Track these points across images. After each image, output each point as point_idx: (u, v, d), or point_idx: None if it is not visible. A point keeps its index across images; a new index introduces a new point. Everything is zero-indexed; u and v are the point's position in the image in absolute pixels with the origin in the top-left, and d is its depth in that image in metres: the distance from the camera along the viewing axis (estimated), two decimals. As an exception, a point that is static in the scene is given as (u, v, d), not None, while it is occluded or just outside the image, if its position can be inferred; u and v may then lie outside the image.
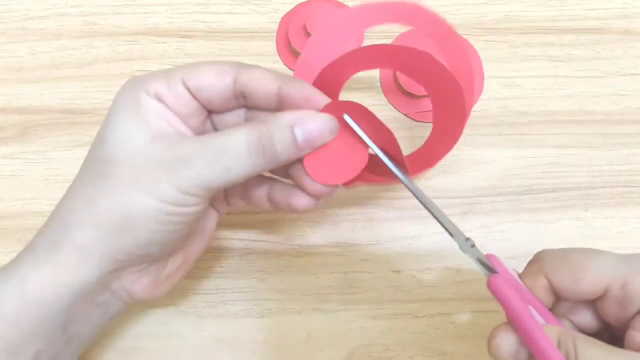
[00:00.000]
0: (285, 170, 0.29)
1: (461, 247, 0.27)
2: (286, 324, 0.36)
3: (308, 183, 0.28)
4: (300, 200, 0.29)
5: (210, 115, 0.29)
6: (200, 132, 0.28)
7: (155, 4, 0.41)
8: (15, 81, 0.40)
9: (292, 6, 0.40)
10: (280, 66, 0.40)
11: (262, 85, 0.26)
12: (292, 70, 0.39)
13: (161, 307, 0.36)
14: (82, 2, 0.41)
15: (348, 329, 0.36)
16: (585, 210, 0.37)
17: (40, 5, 0.41)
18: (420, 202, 0.27)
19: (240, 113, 0.29)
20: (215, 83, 0.26)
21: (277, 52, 0.40)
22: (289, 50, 0.39)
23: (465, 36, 0.40)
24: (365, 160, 0.27)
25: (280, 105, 0.27)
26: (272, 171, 0.31)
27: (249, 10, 0.41)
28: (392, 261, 0.37)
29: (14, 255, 0.37)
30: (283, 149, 0.25)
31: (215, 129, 0.29)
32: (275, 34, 0.40)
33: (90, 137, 0.38)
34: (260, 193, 0.30)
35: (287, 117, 0.25)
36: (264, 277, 0.36)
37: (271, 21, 0.40)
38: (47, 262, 0.26)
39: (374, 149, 0.26)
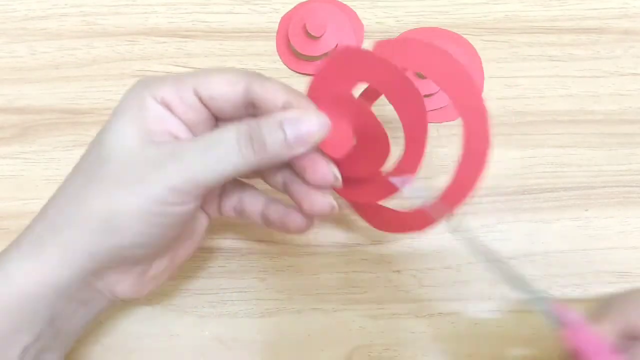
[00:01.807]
0: (283, 185, 0.29)
1: (529, 301, 0.25)
2: (286, 324, 0.36)
3: (305, 201, 0.28)
4: (296, 221, 0.29)
5: (218, 122, 0.28)
6: None
7: (156, 4, 0.41)
8: (15, 81, 0.40)
9: (292, 6, 0.40)
10: (280, 66, 0.40)
11: (273, 97, 0.26)
12: (293, 71, 0.39)
13: (161, 307, 0.36)
14: (82, 2, 0.41)
15: (348, 328, 0.36)
16: (586, 210, 0.37)
17: (41, 5, 0.41)
18: (475, 251, 0.26)
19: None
20: (227, 92, 0.26)
21: (277, 52, 0.40)
22: (289, 50, 0.39)
23: (465, 36, 0.40)
24: (349, 146, 0.27)
25: None
26: (269, 183, 0.30)
27: (249, 10, 0.41)
28: (392, 261, 0.36)
29: (14, 255, 0.37)
30: (273, 144, 0.25)
31: None
32: (275, 34, 0.40)
33: (90, 137, 0.38)
34: (255, 209, 0.30)
35: (278, 114, 0.25)
36: (264, 277, 0.36)
37: (271, 21, 0.40)
38: (30, 258, 0.26)
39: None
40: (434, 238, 0.37)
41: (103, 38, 0.40)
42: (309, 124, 0.25)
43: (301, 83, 0.39)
